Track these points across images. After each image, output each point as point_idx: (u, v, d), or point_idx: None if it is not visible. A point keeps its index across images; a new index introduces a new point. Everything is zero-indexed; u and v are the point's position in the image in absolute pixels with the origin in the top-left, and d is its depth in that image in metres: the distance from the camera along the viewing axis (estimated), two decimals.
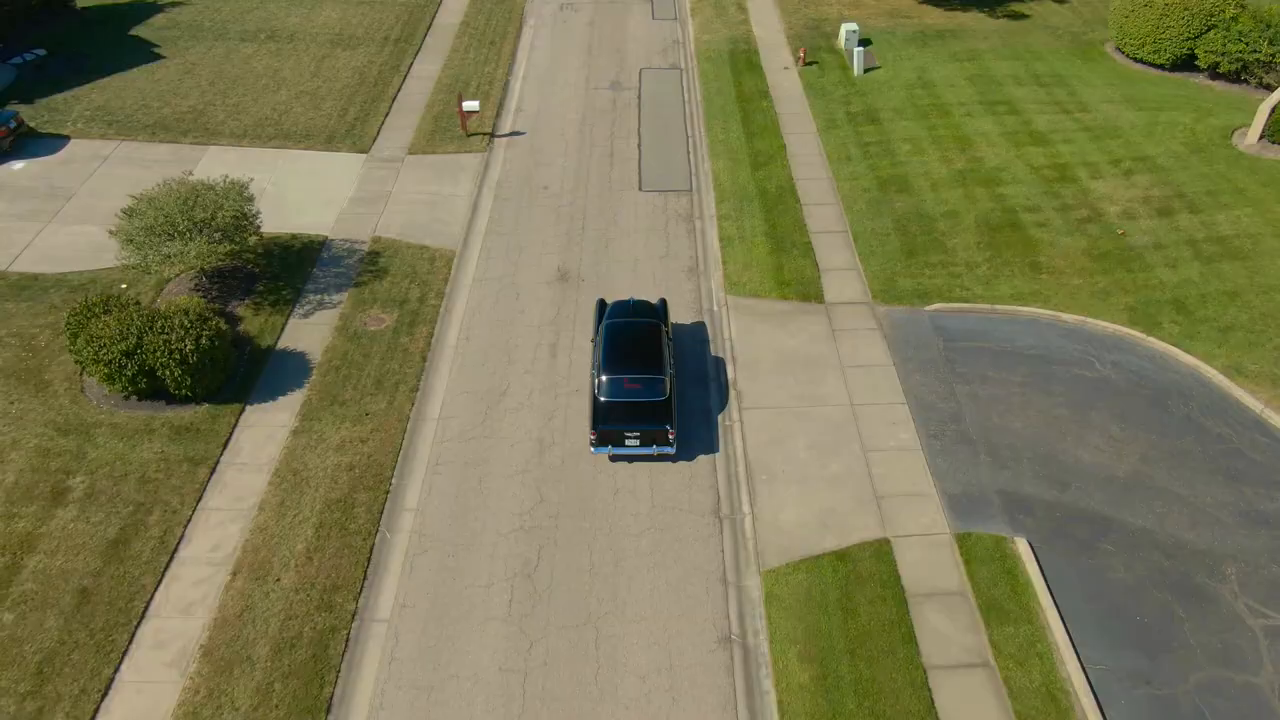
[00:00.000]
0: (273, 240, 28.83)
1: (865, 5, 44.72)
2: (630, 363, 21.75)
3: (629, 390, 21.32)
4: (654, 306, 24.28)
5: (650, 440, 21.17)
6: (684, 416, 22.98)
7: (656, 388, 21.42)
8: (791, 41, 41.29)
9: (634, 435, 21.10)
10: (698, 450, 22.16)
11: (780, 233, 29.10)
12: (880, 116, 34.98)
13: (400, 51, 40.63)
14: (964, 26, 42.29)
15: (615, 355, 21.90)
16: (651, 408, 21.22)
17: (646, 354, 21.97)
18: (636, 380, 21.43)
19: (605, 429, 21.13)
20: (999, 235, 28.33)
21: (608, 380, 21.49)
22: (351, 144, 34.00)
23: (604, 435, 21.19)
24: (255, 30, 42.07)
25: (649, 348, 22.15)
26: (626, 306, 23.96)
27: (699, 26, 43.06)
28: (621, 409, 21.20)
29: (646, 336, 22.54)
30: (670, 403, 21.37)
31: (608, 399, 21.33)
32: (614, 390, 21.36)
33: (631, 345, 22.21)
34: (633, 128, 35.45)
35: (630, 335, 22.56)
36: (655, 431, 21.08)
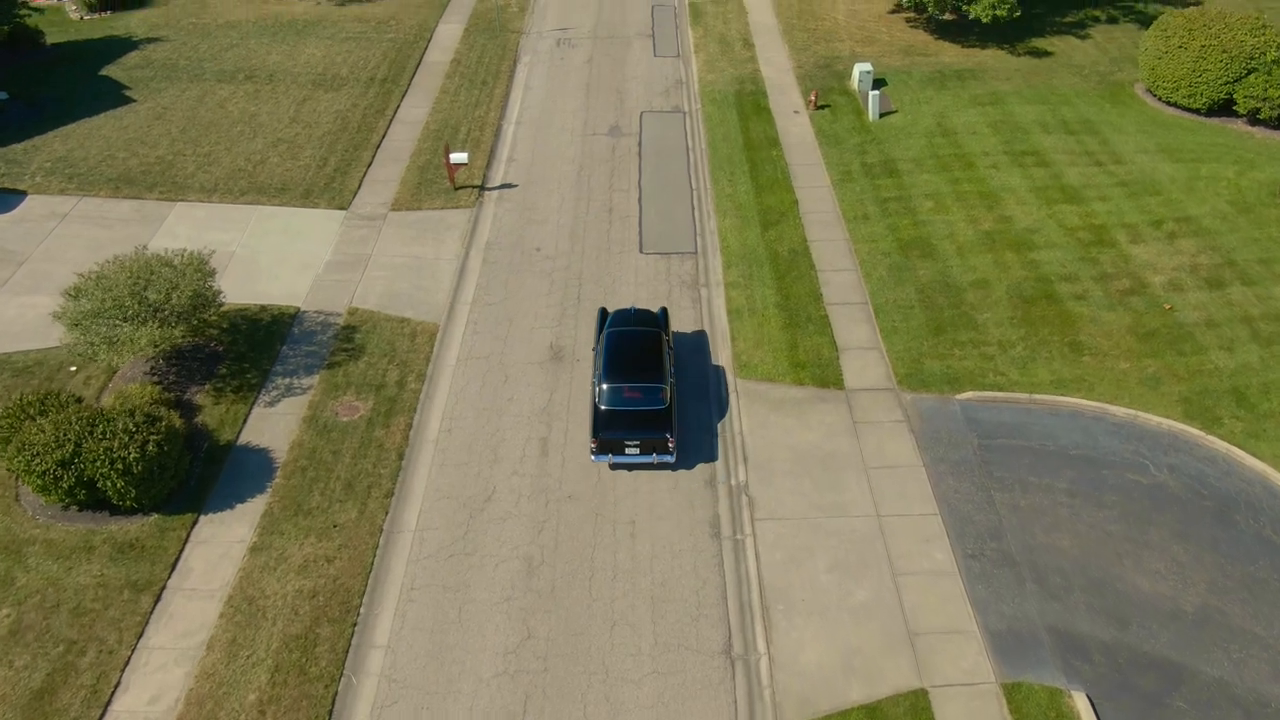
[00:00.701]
0: (240, 313, 26.39)
1: (878, 41, 42.35)
2: (631, 371, 21.81)
3: (629, 398, 21.38)
4: (655, 315, 24.24)
5: (650, 448, 21.16)
6: (694, 524, 20.51)
7: (657, 396, 21.45)
8: (801, 82, 38.90)
9: (634, 443, 21.09)
10: (708, 573, 19.65)
11: (794, 304, 26.65)
12: (899, 168, 32.54)
13: (386, 93, 38.24)
14: (984, 65, 39.89)
15: (616, 363, 21.95)
16: (652, 416, 21.23)
17: (647, 362, 22.06)
18: (637, 389, 21.50)
19: (605, 437, 21.07)
20: (1034, 309, 25.86)
21: (608, 388, 21.51)
22: (330, 199, 31.57)
23: (604, 443, 21.13)
24: (233, 69, 39.69)
25: (650, 356, 22.22)
26: (628, 315, 23.95)
27: (703, 65, 40.69)
28: (622, 417, 21.20)
29: (647, 345, 22.58)
30: (670, 411, 21.43)
31: (608, 407, 21.35)
32: (614, 398, 21.41)
33: (632, 354, 22.28)
34: (633, 179, 33.04)
35: (631, 344, 22.62)
36: (655, 440, 21.07)
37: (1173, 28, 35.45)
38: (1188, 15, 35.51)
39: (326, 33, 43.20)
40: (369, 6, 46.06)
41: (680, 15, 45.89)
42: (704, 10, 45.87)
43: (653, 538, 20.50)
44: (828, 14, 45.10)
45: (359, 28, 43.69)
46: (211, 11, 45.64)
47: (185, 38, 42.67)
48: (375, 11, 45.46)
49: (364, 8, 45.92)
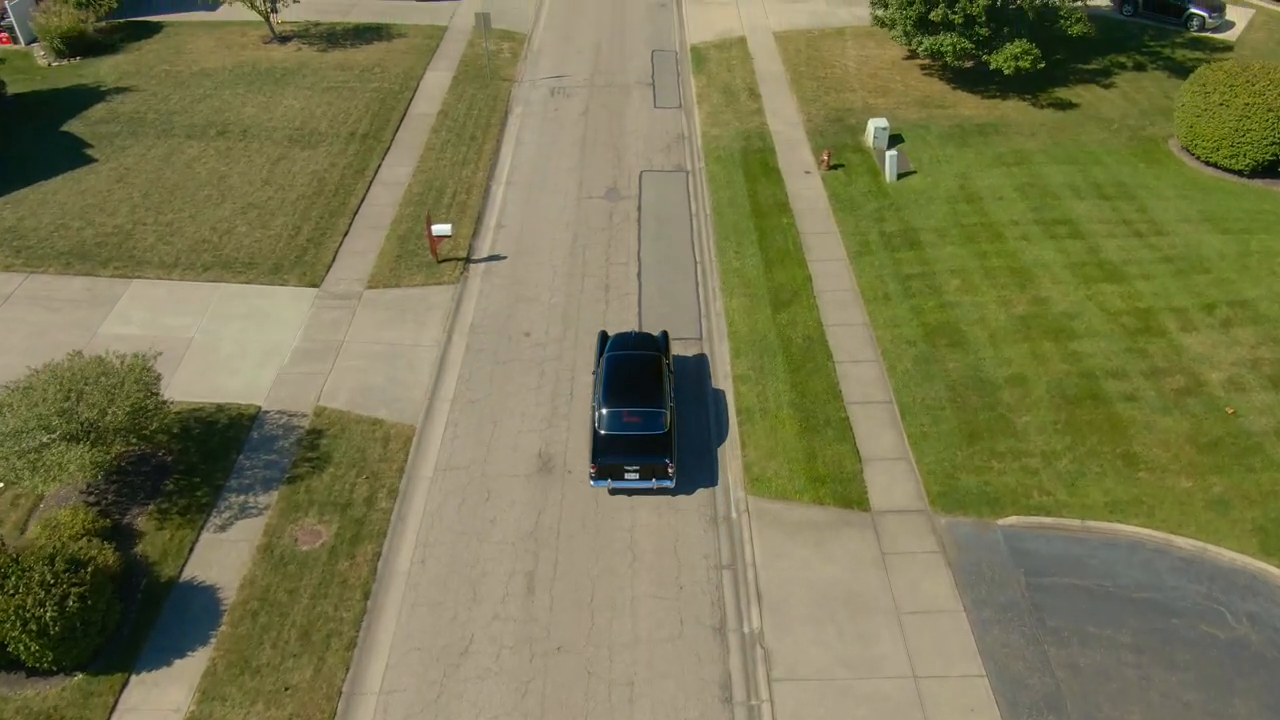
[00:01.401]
0: (193, 414, 23.67)
1: (892, 91, 39.83)
2: (630, 396, 21.68)
3: (628, 423, 21.24)
4: (655, 339, 24.18)
5: (650, 474, 20.99)
6: (702, 685, 17.73)
7: (657, 421, 21.29)
8: (812, 137, 36.34)
9: (634, 469, 20.92)
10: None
11: (811, 403, 23.93)
12: (921, 239, 29.91)
13: (367, 150, 35.65)
14: (1006, 119, 37.34)
15: (616, 388, 21.83)
16: (651, 441, 21.09)
17: (647, 387, 21.90)
18: (636, 414, 21.34)
19: (605, 462, 20.94)
20: (1079, 412, 23.14)
21: (608, 413, 21.37)
22: (301, 274, 28.92)
23: (603, 468, 20.98)
24: (205, 124, 37.12)
25: (649, 381, 22.07)
26: (628, 339, 23.90)
27: (706, 117, 38.15)
28: (621, 442, 21.08)
29: (647, 369, 22.42)
30: (670, 436, 21.28)
31: (608, 432, 21.22)
32: (614, 423, 21.26)
33: (632, 378, 22.16)
34: (632, 250, 30.40)
35: (631, 368, 22.48)
36: (655, 465, 20.90)
37: (1212, 83, 32.92)
38: (1228, 70, 32.99)
39: (307, 81, 40.68)
40: (353, 52, 43.59)
41: (682, 62, 43.43)
42: (707, 57, 43.40)
43: (653, 702, 17.71)
44: (837, 61, 42.64)
45: (341, 76, 41.18)
46: (186, 57, 43.15)
47: (156, 87, 40.14)
48: (359, 58, 42.98)
49: (347, 53, 43.45)
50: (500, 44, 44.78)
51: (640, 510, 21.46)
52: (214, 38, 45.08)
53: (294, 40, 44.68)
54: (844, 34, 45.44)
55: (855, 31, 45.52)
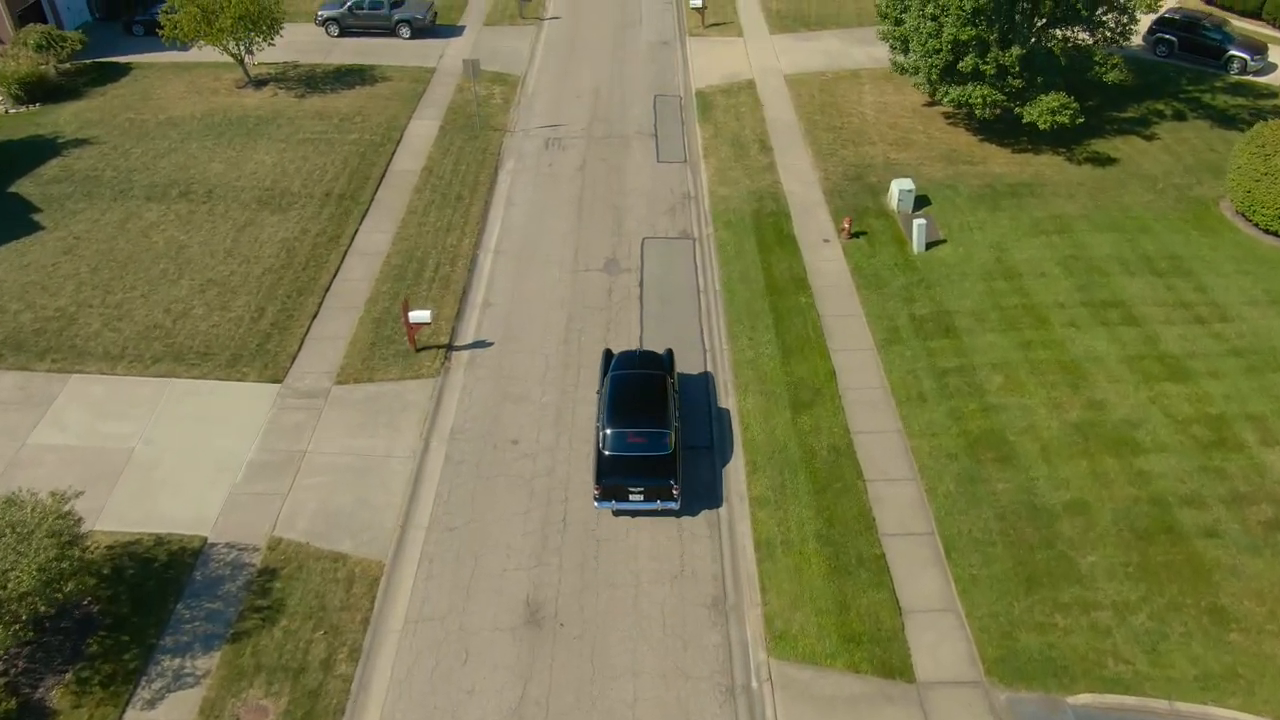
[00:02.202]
0: (128, 549, 20.52)
1: (914, 144, 36.75)
2: (635, 416, 21.40)
3: (633, 444, 20.99)
4: (660, 358, 23.84)
5: (655, 495, 20.69)
6: None
7: (661, 441, 21.05)
8: (830, 197, 33.23)
9: (638, 490, 20.65)
10: None
11: (840, 534, 20.77)
12: (955, 323, 26.78)
13: (343, 213, 32.54)
14: (1041, 177, 34.24)
15: (620, 408, 21.55)
16: (656, 462, 20.82)
17: (652, 407, 21.61)
18: (641, 434, 21.08)
19: (608, 483, 20.68)
20: (1153, 550, 19.98)
21: (612, 434, 21.15)
22: (263, 367, 25.77)
23: (607, 490, 20.73)
24: (167, 183, 34.02)
25: (654, 400, 21.78)
26: (633, 358, 23.63)
27: (714, 174, 35.04)
28: (625, 463, 20.83)
29: (652, 389, 22.12)
30: (675, 457, 21.01)
31: (612, 453, 21.00)
32: (618, 444, 21.05)
33: (636, 398, 21.85)
34: (633, 336, 27.26)
35: (636, 387, 22.19)
36: (660, 487, 20.60)
37: (1272, 143, 29.86)
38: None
39: (281, 133, 37.60)
40: (332, 98, 40.53)
41: (686, 109, 40.37)
42: (713, 103, 40.35)
43: None
44: (853, 108, 39.58)
45: (318, 126, 38.10)
46: (154, 104, 40.10)
47: (118, 139, 37.06)
48: (339, 105, 39.91)
49: (327, 100, 40.39)
50: (492, 88, 41.75)
51: (643, 680, 18.25)
52: (185, 81, 42.06)
53: (270, 84, 41.65)
54: (859, 77, 42.43)
55: (871, 74, 42.52)
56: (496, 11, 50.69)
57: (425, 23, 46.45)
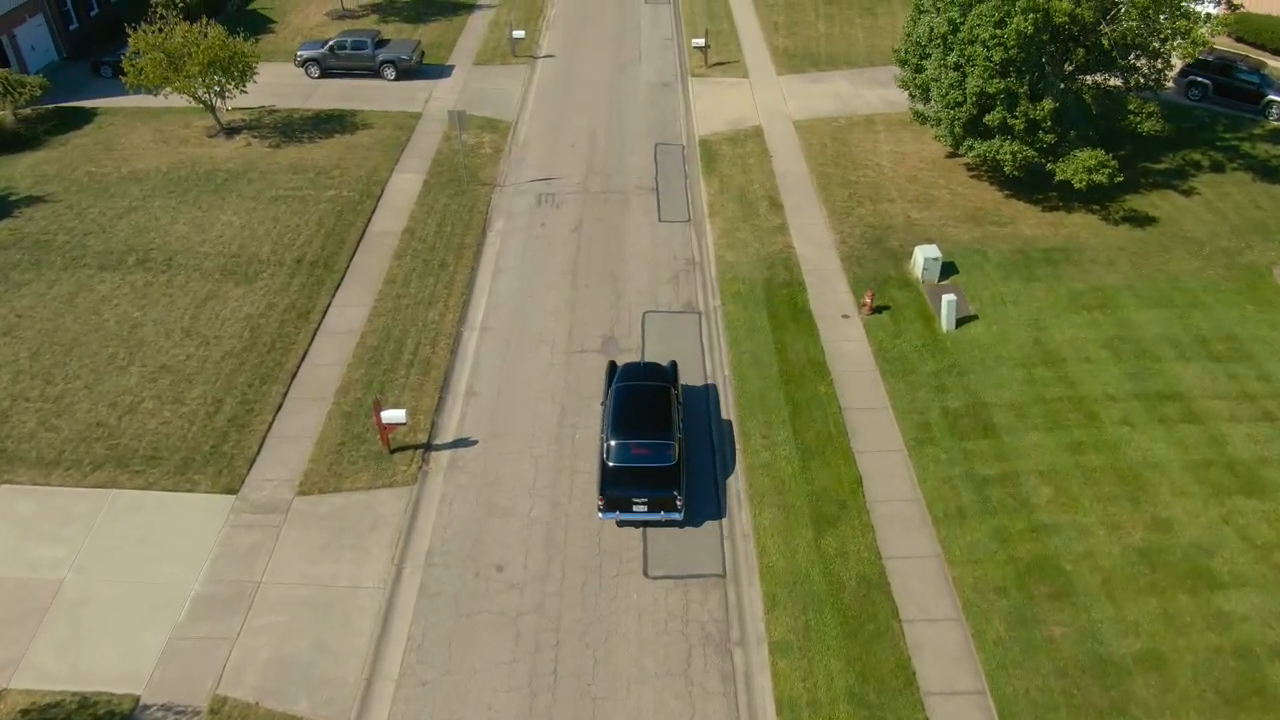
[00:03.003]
0: (45, 713, 17.55)
1: (937, 200, 34.00)
2: (639, 427, 21.43)
3: (637, 455, 20.99)
4: (664, 369, 23.86)
5: (659, 506, 20.65)
6: None
7: (665, 453, 21.05)
8: (847, 264, 30.43)
9: (642, 501, 20.62)
10: None
11: (875, 692, 17.86)
12: (994, 419, 23.93)
13: (315, 283, 29.70)
14: (1076, 241, 31.47)
15: (624, 419, 21.60)
16: (661, 473, 20.83)
17: (656, 418, 21.65)
18: (645, 445, 21.09)
19: (613, 494, 20.62)
20: (1244, 718, 17.01)
21: (616, 445, 21.14)
22: (216, 474, 22.87)
23: (611, 501, 20.67)
24: (124, 249, 31.20)
25: (659, 412, 21.80)
26: (637, 369, 23.64)
27: (721, 236, 32.24)
28: (629, 474, 20.84)
29: (656, 400, 22.16)
30: (679, 468, 21.04)
31: (616, 464, 20.98)
32: (622, 455, 21.03)
33: (641, 409, 21.86)
34: None
35: (640, 399, 22.18)
36: (664, 498, 20.56)
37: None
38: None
39: (252, 189, 34.79)
40: (309, 149, 37.77)
41: (690, 160, 37.62)
42: (719, 153, 37.62)
43: None
44: (869, 159, 36.85)
45: (293, 181, 35.31)
46: (117, 155, 37.34)
47: (75, 196, 34.26)
48: (316, 156, 37.14)
49: (303, 151, 37.62)
50: (481, 136, 39.03)
51: None
52: (152, 129, 39.32)
53: (243, 133, 38.91)
54: (873, 123, 39.74)
55: (886, 120, 39.85)
56: (487, 49, 48.05)
57: (411, 63, 43.78)
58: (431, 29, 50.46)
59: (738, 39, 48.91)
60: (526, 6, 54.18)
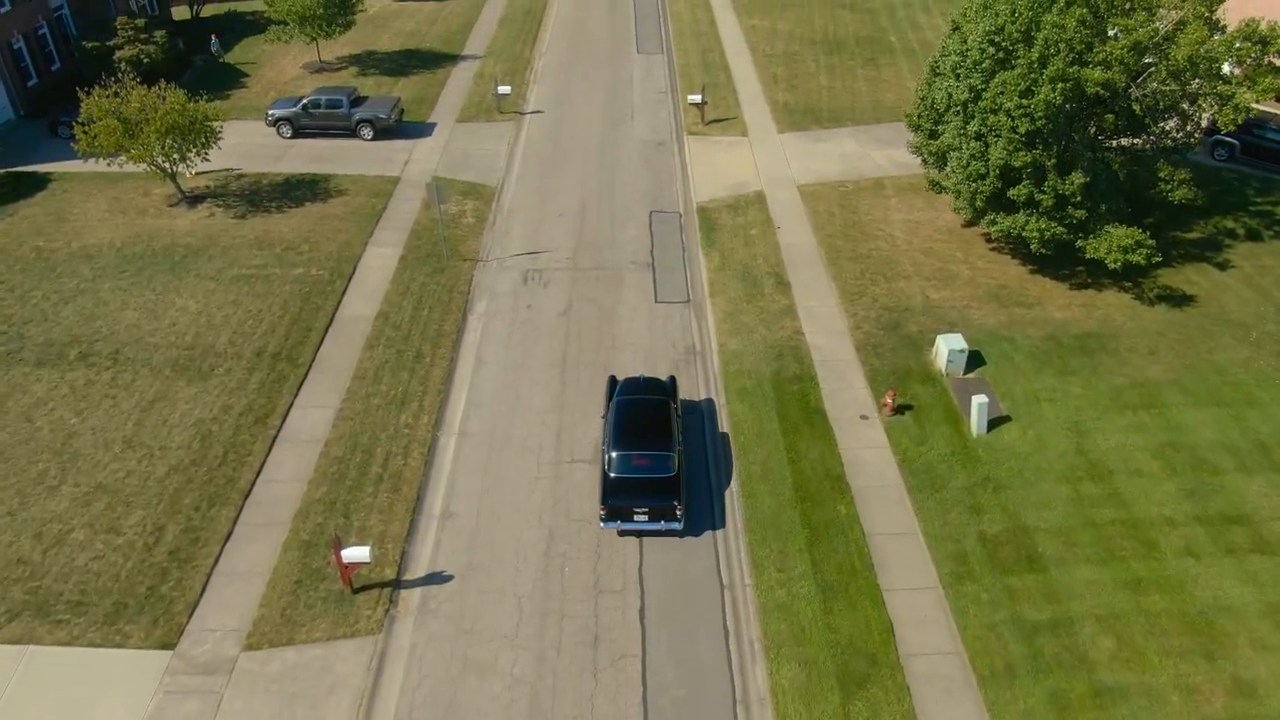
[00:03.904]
0: None
1: (956, 277, 31.40)
2: (640, 439, 21.91)
3: (638, 466, 21.45)
4: (663, 384, 24.32)
5: (659, 516, 21.08)
6: None
7: (666, 464, 21.52)
8: (864, 355, 27.73)
9: (643, 511, 21.05)
10: None
11: None
12: (1039, 548, 21.14)
13: (276, 380, 26.83)
14: (1111, 325, 28.86)
15: (625, 431, 22.06)
16: (660, 483, 21.27)
17: (656, 430, 22.14)
18: (645, 456, 21.58)
19: (614, 504, 21.05)
20: None
21: (617, 456, 21.57)
22: (150, 624, 19.90)
23: (613, 510, 21.08)
24: (66, 340, 28.32)
25: (659, 424, 22.31)
26: (637, 383, 24.08)
27: (723, 320, 29.53)
28: (631, 484, 21.29)
29: (656, 413, 22.61)
30: (679, 478, 21.45)
31: (617, 474, 21.39)
32: (624, 466, 21.48)
33: (641, 421, 22.33)
34: (630, 566, 21.56)
35: (640, 411, 22.65)
36: (664, 507, 21.02)
37: None
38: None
39: (213, 267, 31.99)
40: (277, 220, 35.04)
41: (688, 230, 34.98)
42: (719, 223, 35.01)
43: None
44: (880, 229, 34.28)
45: (257, 258, 32.51)
46: (69, 226, 34.55)
47: (19, 276, 31.43)
48: (284, 229, 34.39)
49: (270, 222, 34.88)
50: (463, 204, 36.36)
51: None
52: (108, 198, 36.56)
53: (207, 202, 36.17)
54: (883, 188, 37.24)
55: (896, 184, 37.37)
56: (471, 105, 45.52)
57: (389, 123, 41.20)
58: (413, 82, 47.96)
59: (735, 92, 46.53)
60: (513, 57, 51.80)
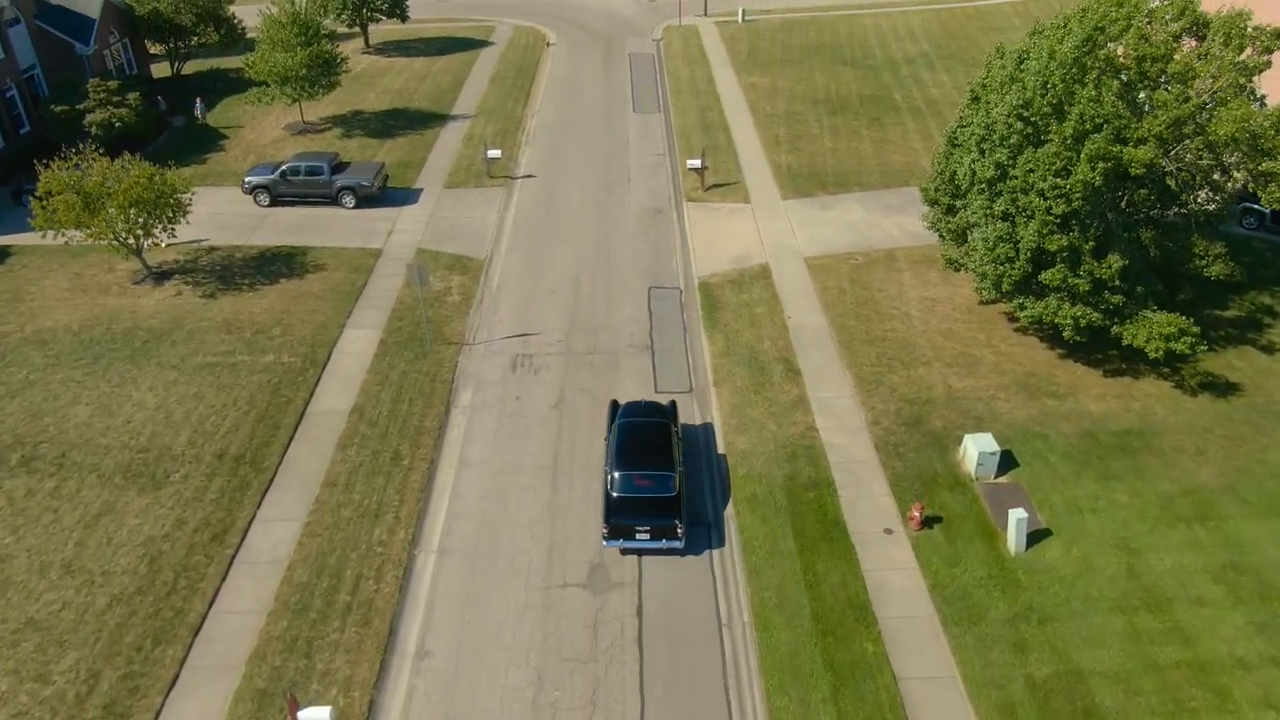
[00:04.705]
0: None
1: (980, 364, 29.07)
2: (642, 459, 22.55)
3: (640, 486, 22.03)
4: (664, 407, 24.98)
5: (660, 534, 21.58)
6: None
7: (667, 483, 22.09)
8: (884, 453, 25.30)
9: (644, 529, 21.56)
10: None
11: None
12: (1096, 698, 18.59)
13: (238, 488, 24.31)
14: (1151, 418, 26.52)
15: (627, 452, 22.70)
16: (662, 503, 21.81)
17: (657, 451, 22.80)
18: (647, 476, 22.18)
19: (617, 523, 21.58)
20: None
21: (620, 476, 22.18)
22: None
23: (615, 529, 21.59)
24: (9, 442, 25.87)
25: (660, 445, 22.97)
26: (639, 406, 24.84)
27: (729, 412, 27.12)
28: (633, 504, 21.84)
29: (657, 435, 23.29)
30: (679, 498, 22.00)
31: (620, 494, 21.95)
32: (626, 485, 22.07)
33: (643, 443, 23.01)
34: (629, 700, 18.77)
35: (642, 433, 23.34)
36: (665, 526, 21.55)
37: None
38: None
39: (176, 354, 29.58)
40: (249, 299, 32.71)
41: (689, 309, 32.68)
42: (722, 300, 32.73)
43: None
44: (895, 307, 32.03)
45: (225, 344, 30.11)
46: (25, 307, 32.22)
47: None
48: (255, 309, 32.03)
49: (241, 301, 32.54)
50: (449, 279, 34.11)
51: None
52: (69, 273, 34.28)
53: (174, 279, 33.87)
54: (895, 260, 35.07)
55: (909, 256, 35.21)
56: (460, 169, 43.46)
57: (372, 190, 39.07)
58: (399, 145, 45.95)
59: (736, 154, 44.56)
60: (505, 116, 49.90)
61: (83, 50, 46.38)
